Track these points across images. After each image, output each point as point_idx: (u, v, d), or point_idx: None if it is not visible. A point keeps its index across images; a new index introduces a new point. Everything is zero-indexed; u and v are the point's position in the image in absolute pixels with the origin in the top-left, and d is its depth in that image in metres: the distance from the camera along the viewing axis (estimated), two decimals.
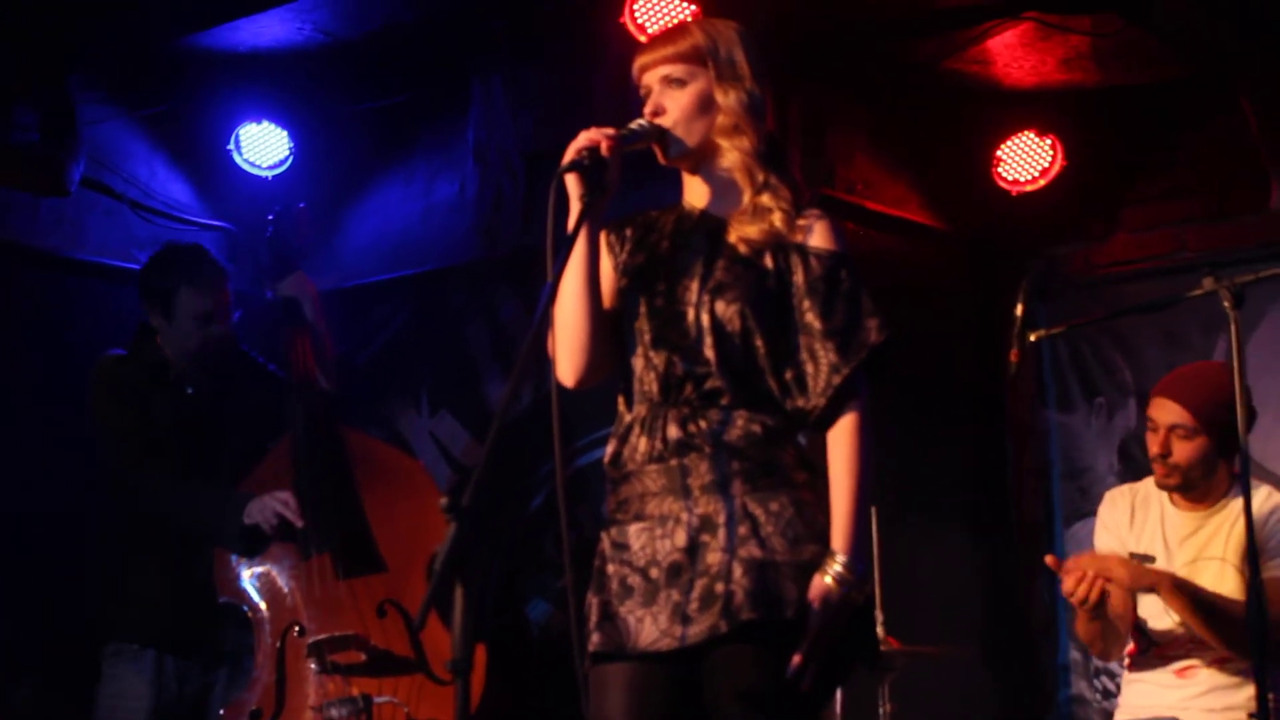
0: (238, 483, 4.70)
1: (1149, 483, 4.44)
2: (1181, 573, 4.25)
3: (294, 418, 4.76)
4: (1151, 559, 4.34)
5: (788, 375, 3.01)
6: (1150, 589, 4.21)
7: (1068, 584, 4.15)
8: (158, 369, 4.79)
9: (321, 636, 4.51)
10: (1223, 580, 4.22)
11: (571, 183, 2.98)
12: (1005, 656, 6.08)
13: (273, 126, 6.07)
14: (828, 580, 2.91)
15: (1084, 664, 5.96)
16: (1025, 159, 6.13)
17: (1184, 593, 4.16)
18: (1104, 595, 4.15)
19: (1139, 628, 4.39)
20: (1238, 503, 4.26)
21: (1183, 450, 4.29)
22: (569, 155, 2.97)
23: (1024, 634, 6.16)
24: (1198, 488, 4.33)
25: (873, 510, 4.54)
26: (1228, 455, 4.33)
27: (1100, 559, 4.21)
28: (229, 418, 4.85)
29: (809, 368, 3.01)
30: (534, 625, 5.91)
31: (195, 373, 4.82)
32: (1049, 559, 4.21)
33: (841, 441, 3.01)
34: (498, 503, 5.96)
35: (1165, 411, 4.33)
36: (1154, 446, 4.34)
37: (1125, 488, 4.53)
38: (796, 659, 2.88)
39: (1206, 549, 4.29)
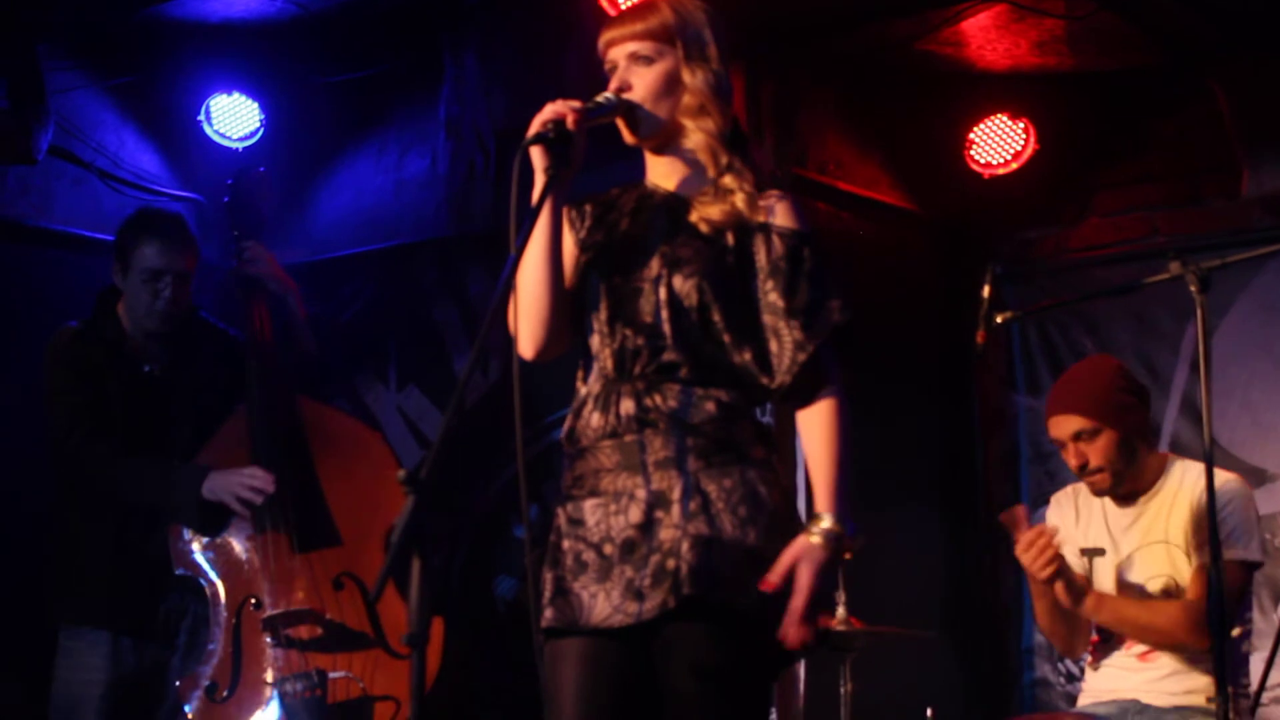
0: (192, 457, 4.66)
1: None
2: (1129, 560, 4.34)
3: (251, 389, 4.70)
4: (1101, 551, 4.40)
5: (749, 353, 3.02)
6: (1077, 603, 4.27)
7: (1021, 541, 4.18)
8: (114, 343, 4.75)
9: (277, 611, 4.48)
10: (1171, 564, 4.28)
11: (536, 155, 2.96)
12: (970, 639, 6.10)
13: (243, 98, 6.05)
14: (813, 539, 2.92)
15: (1048, 648, 5.97)
16: (998, 142, 6.14)
17: (1105, 607, 4.28)
18: (1058, 572, 4.19)
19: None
20: (1171, 484, 4.35)
21: (1095, 451, 4.33)
22: (534, 128, 2.95)
23: (989, 617, 6.19)
24: (1127, 479, 4.37)
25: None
26: (1144, 438, 4.40)
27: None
28: (186, 394, 4.79)
29: (773, 345, 3.01)
30: (500, 600, 5.92)
31: (153, 348, 4.78)
32: (1004, 516, 4.25)
33: (819, 419, 3.02)
34: (465, 478, 5.96)
35: (1061, 426, 4.38)
36: (1071, 462, 4.38)
37: (1069, 489, 4.57)
38: (792, 621, 2.88)
39: (1149, 534, 4.33)
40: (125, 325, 4.77)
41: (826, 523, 2.94)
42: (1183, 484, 4.33)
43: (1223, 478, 4.26)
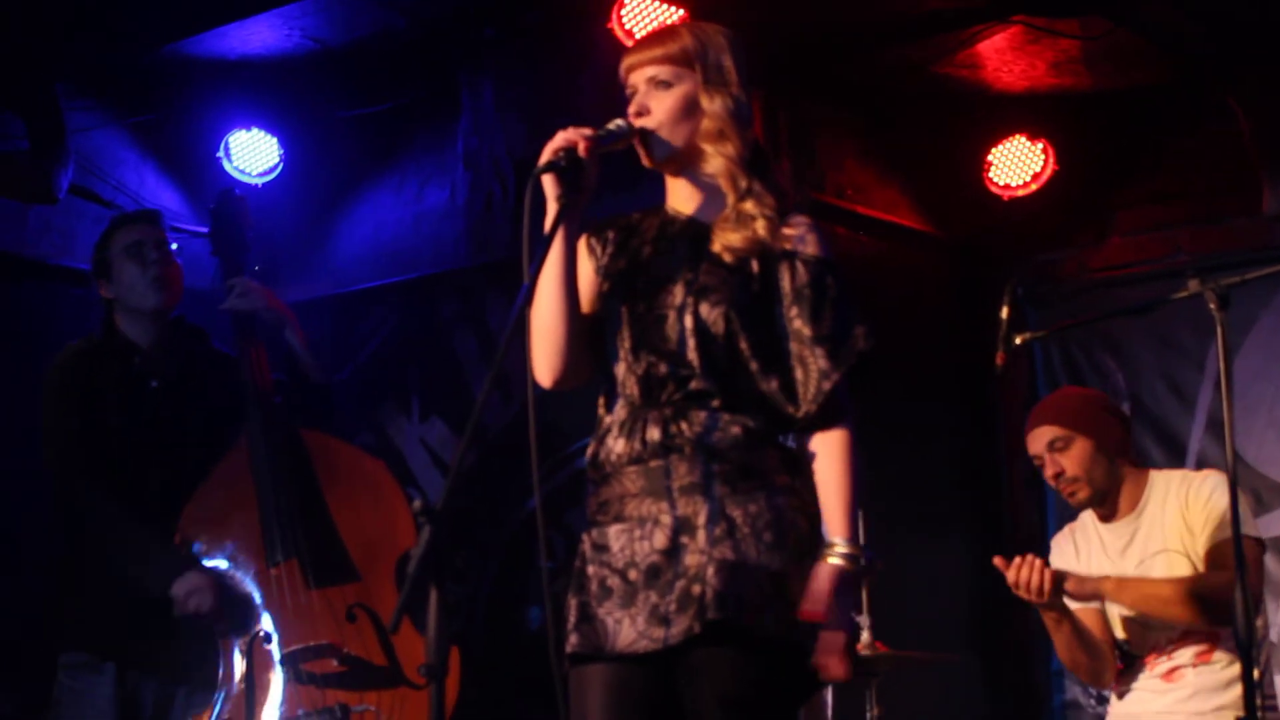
0: (197, 477, 4.57)
1: (1081, 515, 4.56)
2: (1135, 576, 4.34)
3: (252, 429, 4.63)
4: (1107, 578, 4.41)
5: (774, 382, 3.01)
6: (1095, 595, 4.30)
7: (1010, 575, 4.21)
8: (124, 356, 4.67)
9: (295, 647, 4.44)
10: (1174, 569, 4.30)
11: (548, 183, 2.98)
12: (999, 662, 6.10)
13: (262, 134, 6.10)
14: (833, 561, 2.93)
15: None
16: (1016, 163, 6.16)
17: (1128, 587, 4.27)
18: (1057, 585, 4.21)
19: (1119, 647, 4.44)
20: (1157, 496, 4.39)
21: (1069, 460, 4.41)
22: (545, 156, 2.97)
23: (1017, 638, 6.16)
24: (1110, 495, 4.43)
25: (861, 515, 4.59)
26: (1122, 454, 4.45)
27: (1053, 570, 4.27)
28: (192, 417, 4.70)
29: (798, 374, 3.01)
30: (530, 629, 5.92)
31: (161, 361, 4.70)
32: (997, 560, 4.27)
33: (832, 447, 3.02)
34: (489, 509, 5.97)
35: (1035, 439, 4.48)
36: (1048, 473, 4.46)
37: (1066, 529, 4.64)
38: (829, 651, 2.91)
39: (1148, 548, 4.35)
40: (130, 337, 4.70)
41: (843, 547, 2.95)
42: (1168, 493, 4.37)
43: (1204, 473, 4.38)
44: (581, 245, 3.15)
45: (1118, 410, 4.59)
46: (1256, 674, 4.09)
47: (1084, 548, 4.51)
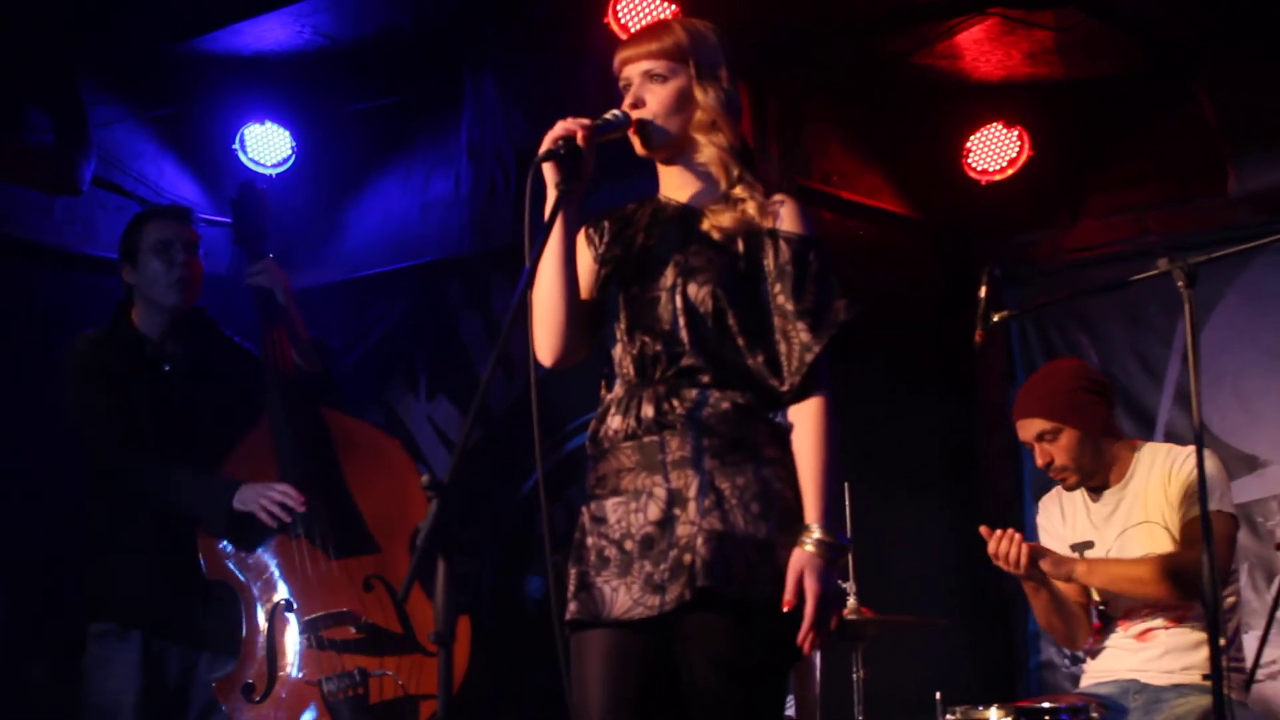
0: (216, 465, 4.65)
1: None
2: (1116, 545, 4.47)
3: (273, 407, 4.69)
4: (1090, 544, 4.56)
5: (761, 357, 3.09)
6: (1068, 576, 4.41)
7: (990, 545, 4.34)
8: (134, 346, 4.72)
9: (317, 614, 4.52)
10: (1153, 540, 4.43)
11: (548, 171, 3.06)
12: (977, 625, 6.17)
13: (275, 127, 6.21)
14: (808, 549, 2.99)
15: None
16: (993, 149, 6.26)
17: (1098, 569, 4.40)
18: (1034, 559, 4.34)
19: (1096, 609, 4.58)
20: (1142, 469, 4.50)
21: (1059, 450, 4.51)
22: (545, 144, 3.05)
23: (995, 603, 6.27)
24: (1098, 472, 4.54)
25: (845, 486, 4.74)
26: (1107, 432, 4.55)
27: (1030, 545, 4.40)
28: (207, 398, 4.75)
29: (782, 348, 3.09)
30: (531, 599, 6.04)
31: (172, 348, 4.76)
32: (983, 529, 4.38)
33: (808, 419, 3.09)
34: (494, 484, 6.08)
35: (1025, 429, 4.56)
36: (1039, 461, 4.56)
37: (1053, 492, 4.74)
38: (803, 630, 2.98)
39: (1130, 519, 4.48)
40: (142, 329, 4.75)
41: (817, 533, 3.01)
42: (1152, 466, 4.48)
43: (1188, 448, 4.41)
44: (581, 236, 3.26)
45: (1100, 385, 4.61)
46: (1223, 641, 4.24)
47: (1069, 511, 4.63)
